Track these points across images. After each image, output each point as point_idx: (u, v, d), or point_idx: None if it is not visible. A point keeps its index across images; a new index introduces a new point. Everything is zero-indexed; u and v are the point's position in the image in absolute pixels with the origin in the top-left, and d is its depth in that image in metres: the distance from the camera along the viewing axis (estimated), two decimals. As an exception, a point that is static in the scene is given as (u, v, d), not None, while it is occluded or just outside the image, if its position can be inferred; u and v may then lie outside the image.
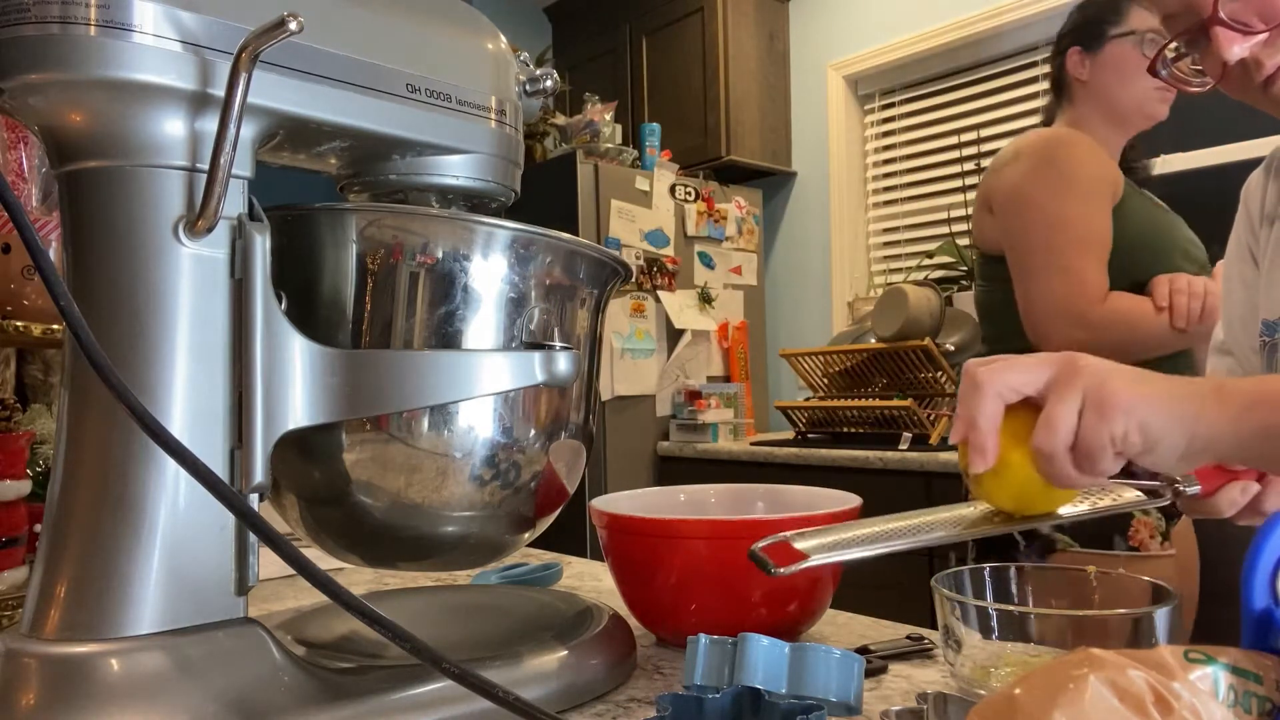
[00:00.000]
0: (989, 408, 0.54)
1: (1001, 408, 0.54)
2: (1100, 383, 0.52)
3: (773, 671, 0.50)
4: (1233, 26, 0.76)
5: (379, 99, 0.60)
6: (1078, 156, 1.42)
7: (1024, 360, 0.55)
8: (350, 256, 0.60)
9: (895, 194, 3.24)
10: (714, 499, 0.92)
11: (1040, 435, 0.52)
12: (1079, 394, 0.52)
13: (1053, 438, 0.52)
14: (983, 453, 0.53)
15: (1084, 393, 0.52)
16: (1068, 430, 0.52)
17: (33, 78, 0.50)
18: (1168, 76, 0.85)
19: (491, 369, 0.59)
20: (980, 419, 0.53)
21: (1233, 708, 0.38)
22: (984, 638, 0.59)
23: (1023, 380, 0.54)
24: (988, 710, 0.38)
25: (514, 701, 0.42)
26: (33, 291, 0.92)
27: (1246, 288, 0.96)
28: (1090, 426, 0.51)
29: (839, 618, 0.86)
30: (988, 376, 0.54)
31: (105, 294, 0.52)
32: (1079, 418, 0.52)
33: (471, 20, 0.67)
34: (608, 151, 3.02)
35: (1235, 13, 0.76)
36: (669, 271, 3.06)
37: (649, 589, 0.76)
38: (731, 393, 3.00)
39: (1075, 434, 0.52)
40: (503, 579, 0.96)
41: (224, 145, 0.51)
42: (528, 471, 0.64)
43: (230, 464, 0.54)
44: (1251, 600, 0.44)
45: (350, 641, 0.67)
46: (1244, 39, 0.76)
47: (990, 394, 0.54)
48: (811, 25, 3.40)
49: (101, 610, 0.50)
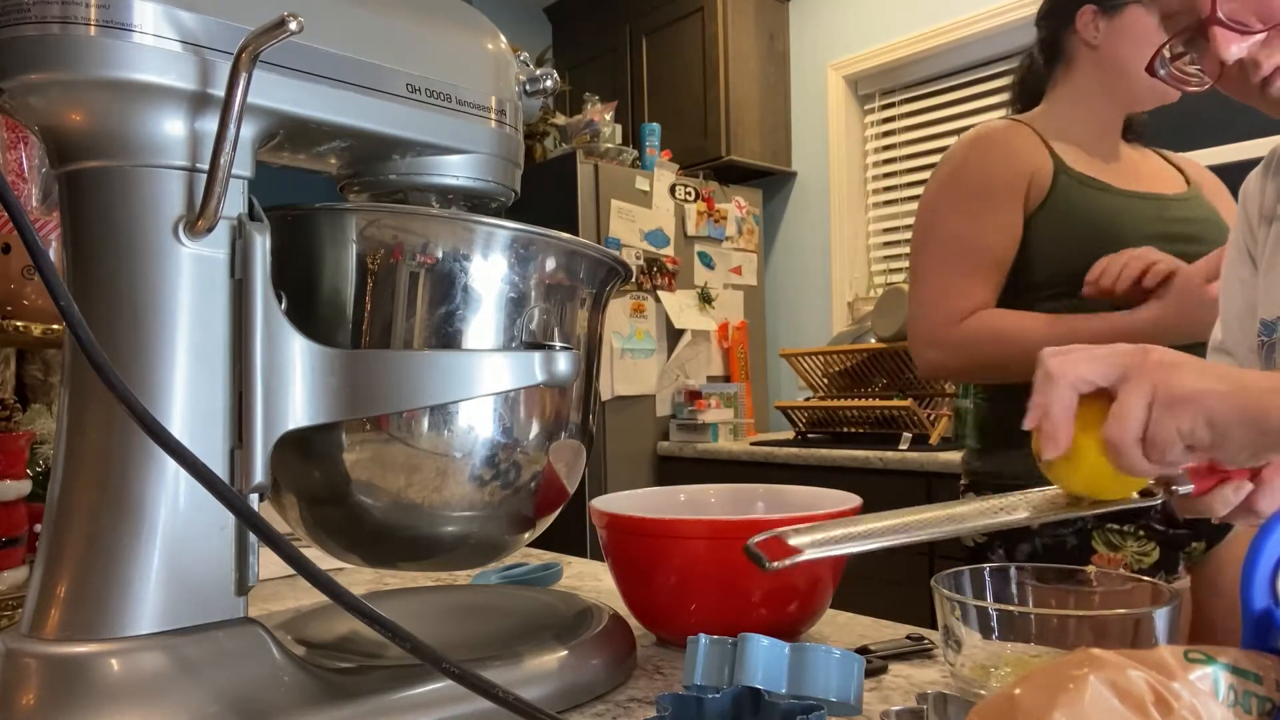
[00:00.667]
0: (1063, 397, 0.55)
1: (1075, 398, 0.55)
2: (1169, 376, 0.53)
3: (773, 671, 0.50)
4: (1231, 27, 0.76)
5: (379, 99, 0.60)
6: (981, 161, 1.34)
7: (1098, 351, 0.56)
8: (350, 256, 0.60)
9: (895, 194, 3.24)
10: (714, 499, 0.92)
11: (1111, 428, 0.53)
12: (1150, 387, 0.53)
13: (1123, 431, 0.53)
14: (1055, 440, 0.55)
15: (1153, 387, 0.53)
16: (1137, 423, 0.53)
17: (33, 78, 0.50)
18: (1166, 75, 0.86)
19: (491, 369, 0.59)
20: (1054, 408, 0.55)
21: (1233, 708, 0.38)
22: (984, 638, 0.59)
23: (1095, 372, 0.55)
24: (988, 710, 0.38)
25: (514, 701, 0.42)
26: (33, 291, 0.93)
27: (1244, 287, 0.96)
28: (1159, 420, 0.53)
29: (839, 618, 0.86)
30: (1060, 368, 0.56)
31: (105, 294, 0.52)
32: (1149, 411, 0.53)
33: (471, 20, 0.67)
34: (608, 151, 3.02)
35: (1233, 13, 0.76)
36: (669, 271, 3.06)
37: (649, 589, 0.76)
38: (731, 393, 3.00)
39: (1145, 426, 0.53)
40: (503, 579, 0.96)
41: (224, 145, 0.51)
42: (528, 471, 0.64)
43: (230, 464, 0.54)
44: (1251, 600, 0.44)
45: (350, 641, 0.67)
46: (1242, 39, 0.76)
47: (1064, 384, 0.55)
48: (811, 25, 3.41)
49: (101, 610, 0.50)
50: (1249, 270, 0.95)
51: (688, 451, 2.91)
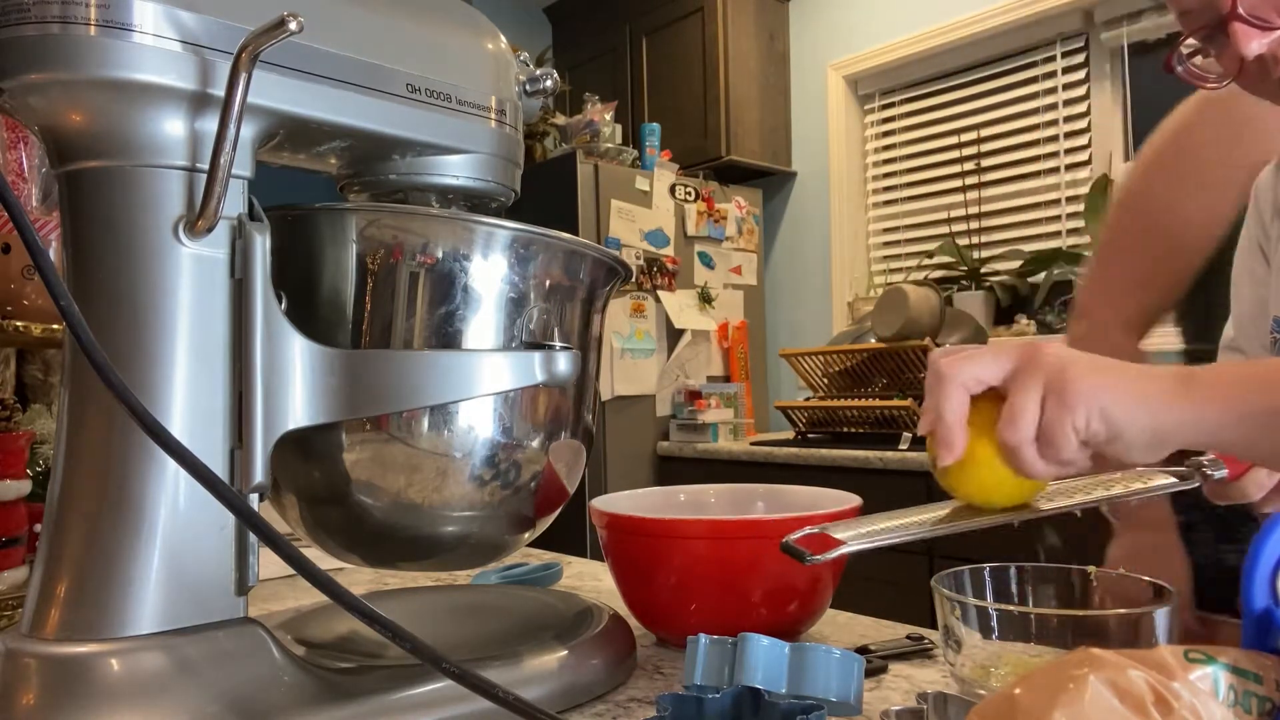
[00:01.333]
0: (954, 400, 0.53)
1: (967, 399, 0.53)
2: (1060, 371, 0.51)
3: (773, 671, 0.50)
4: (1251, 22, 0.76)
5: (379, 99, 0.60)
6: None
7: (986, 351, 0.54)
8: (350, 256, 0.60)
9: (895, 194, 3.24)
10: (714, 499, 0.92)
11: (1004, 428, 0.51)
12: (1040, 383, 0.51)
13: (1016, 430, 0.51)
14: (949, 446, 0.53)
15: (1045, 382, 0.51)
16: (1031, 421, 0.51)
17: (33, 78, 0.50)
18: (1183, 72, 0.85)
19: (491, 369, 0.59)
20: (945, 411, 0.52)
21: (1233, 708, 0.38)
22: (984, 638, 0.59)
23: (985, 371, 0.53)
24: (988, 710, 0.38)
25: (514, 701, 0.42)
26: (33, 291, 0.93)
27: (1256, 284, 0.95)
28: (1052, 416, 0.50)
29: (839, 618, 0.86)
30: (950, 368, 0.53)
31: (105, 294, 0.52)
32: (1041, 408, 0.51)
33: (471, 20, 0.67)
34: (608, 151, 3.02)
35: (1254, 8, 0.76)
36: (669, 271, 3.06)
37: (649, 589, 0.76)
38: (731, 393, 3.00)
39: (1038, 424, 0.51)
40: (503, 579, 0.96)
41: (224, 145, 0.51)
42: (528, 471, 0.64)
43: (230, 464, 0.54)
44: (1251, 600, 0.44)
45: (350, 641, 0.67)
46: (1262, 35, 0.76)
47: (955, 385, 0.53)
48: (811, 25, 3.41)
49: (101, 610, 0.50)
50: (1262, 267, 0.95)
51: (688, 451, 2.91)
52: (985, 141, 2.98)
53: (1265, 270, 0.95)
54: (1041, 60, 2.85)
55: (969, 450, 0.53)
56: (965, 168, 3.02)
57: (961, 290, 2.88)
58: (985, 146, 2.98)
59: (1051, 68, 2.83)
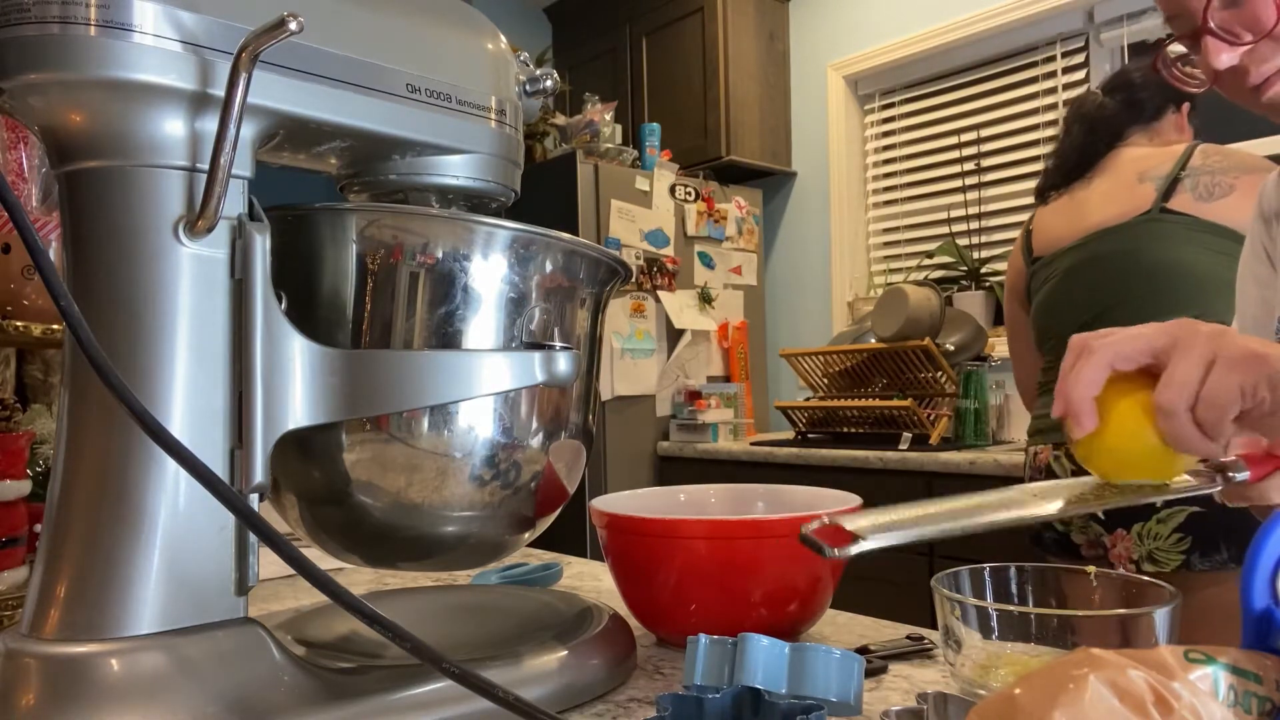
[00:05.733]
0: (1090, 373, 0.53)
1: (1106, 373, 0.53)
2: (1226, 339, 0.51)
3: (773, 671, 0.50)
4: (1221, 36, 0.78)
5: (379, 99, 0.60)
6: None
7: (1140, 329, 0.54)
8: (350, 256, 0.60)
9: (895, 194, 3.24)
10: (714, 499, 0.92)
11: (1164, 391, 0.51)
12: (1207, 351, 0.51)
13: (1177, 394, 0.50)
14: (1079, 415, 0.53)
15: (1213, 349, 0.51)
16: (1191, 387, 0.51)
17: (33, 78, 0.50)
18: (1168, 75, 0.87)
19: (491, 369, 0.59)
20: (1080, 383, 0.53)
21: (1233, 708, 0.38)
22: (984, 638, 0.59)
23: (1139, 347, 0.53)
24: (988, 710, 0.38)
25: (514, 701, 0.42)
26: (33, 291, 0.93)
27: (1261, 286, 0.96)
28: (1220, 378, 0.50)
29: (839, 618, 0.86)
30: (1100, 343, 0.53)
31: (105, 294, 0.52)
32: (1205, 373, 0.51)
33: (471, 20, 0.67)
34: (608, 151, 3.02)
35: (1224, 22, 0.78)
36: (669, 271, 3.06)
37: (649, 589, 0.76)
38: (731, 393, 3.00)
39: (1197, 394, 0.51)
40: (503, 579, 0.96)
41: (224, 145, 0.51)
42: (528, 471, 0.64)
43: (230, 464, 0.54)
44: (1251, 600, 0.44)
45: (350, 641, 0.67)
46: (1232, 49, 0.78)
47: (1098, 360, 0.53)
48: (811, 25, 3.41)
49: (101, 610, 0.50)
50: (1266, 269, 0.96)
51: (688, 451, 2.91)
52: (985, 141, 2.98)
53: (1270, 273, 0.95)
54: (1041, 60, 2.85)
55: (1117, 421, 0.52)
56: (965, 168, 3.02)
57: (961, 290, 2.88)
58: (985, 146, 2.98)
59: (1051, 68, 2.83)
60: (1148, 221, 1.50)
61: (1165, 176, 1.51)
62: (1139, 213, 1.51)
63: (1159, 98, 1.63)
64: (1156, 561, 1.36)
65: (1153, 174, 1.53)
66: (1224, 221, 1.44)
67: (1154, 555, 1.36)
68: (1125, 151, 1.61)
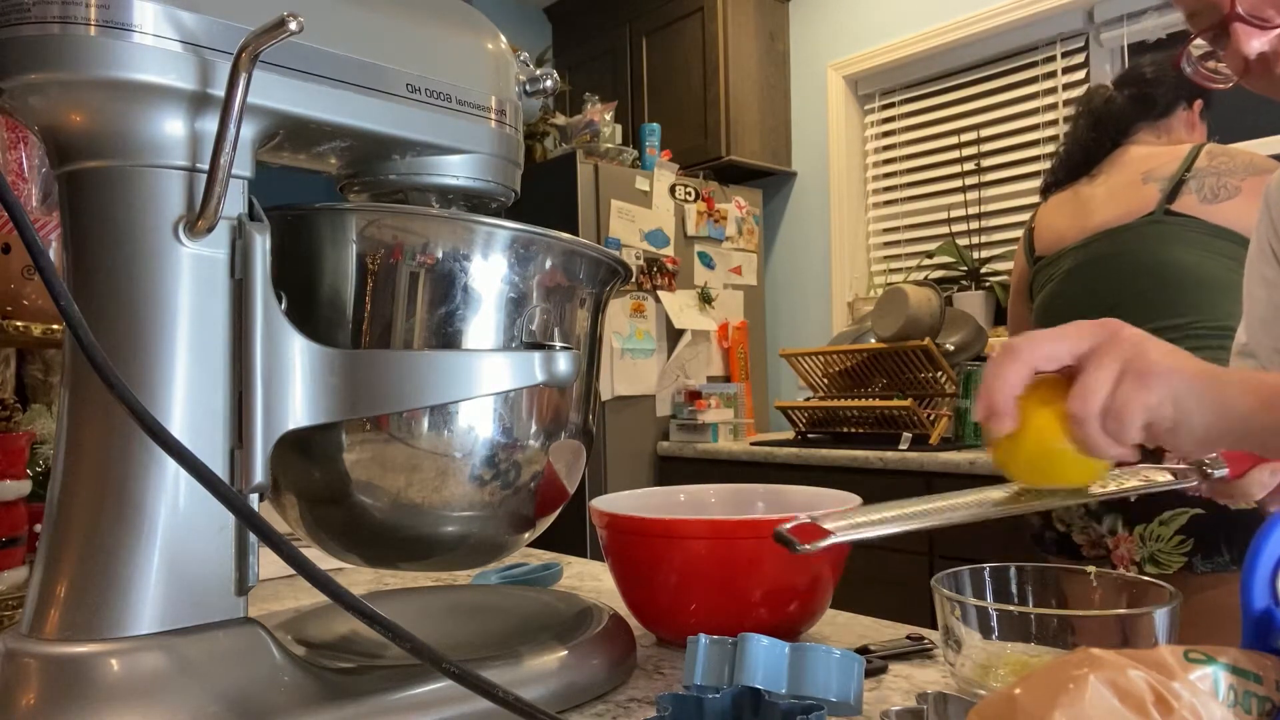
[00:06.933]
0: (1013, 374, 0.53)
1: (1028, 375, 0.54)
2: (1141, 352, 0.52)
3: (773, 671, 0.50)
4: (1251, 21, 0.76)
5: (379, 99, 0.60)
6: None
7: (1064, 329, 0.55)
8: (350, 256, 0.60)
9: (895, 194, 3.24)
10: (714, 499, 0.92)
11: (1075, 400, 0.52)
12: (1119, 362, 0.52)
13: (1086, 404, 0.51)
14: (999, 416, 0.53)
15: (1124, 361, 0.52)
16: (1102, 396, 0.51)
17: (33, 78, 0.50)
18: (1193, 74, 0.86)
19: (491, 369, 0.59)
20: (1002, 383, 0.53)
21: (1233, 708, 0.38)
22: (984, 638, 0.59)
23: (1060, 348, 0.54)
24: (988, 710, 0.38)
25: (514, 701, 0.42)
26: (33, 291, 0.93)
27: (1268, 287, 0.96)
28: (1127, 393, 0.51)
29: (839, 618, 0.86)
30: (1024, 344, 0.54)
31: (105, 294, 0.52)
32: (1115, 384, 0.52)
33: (471, 20, 0.67)
34: (608, 151, 3.02)
35: (1253, 8, 0.76)
36: (669, 271, 3.06)
37: (649, 589, 0.76)
38: (731, 393, 3.00)
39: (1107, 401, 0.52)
40: (503, 579, 0.96)
41: (224, 145, 0.51)
42: (528, 471, 0.64)
43: (230, 464, 0.54)
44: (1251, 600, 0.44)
45: (350, 641, 0.67)
46: (1262, 34, 0.77)
47: (1021, 361, 0.54)
48: (811, 25, 3.40)
49: (101, 610, 0.50)
50: (1273, 270, 0.95)
51: (688, 451, 2.91)
52: (985, 141, 2.98)
53: (1277, 273, 0.95)
54: (1041, 60, 2.85)
55: (1031, 426, 0.53)
56: (965, 168, 3.02)
57: (961, 290, 2.88)
58: (985, 146, 2.98)
59: (1051, 68, 2.83)
60: (1151, 223, 1.49)
61: (1170, 177, 1.50)
62: (1143, 214, 1.51)
63: (1171, 94, 1.62)
64: (1159, 563, 1.36)
65: (1158, 174, 1.53)
66: (1229, 224, 1.44)
67: (1156, 557, 1.36)
68: (1131, 149, 1.61)
